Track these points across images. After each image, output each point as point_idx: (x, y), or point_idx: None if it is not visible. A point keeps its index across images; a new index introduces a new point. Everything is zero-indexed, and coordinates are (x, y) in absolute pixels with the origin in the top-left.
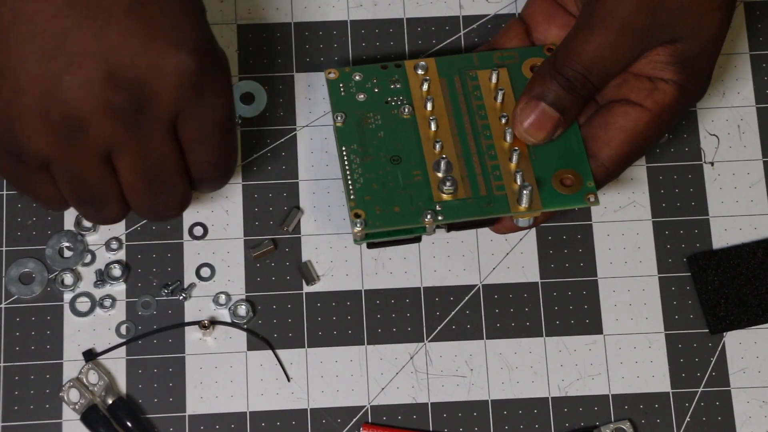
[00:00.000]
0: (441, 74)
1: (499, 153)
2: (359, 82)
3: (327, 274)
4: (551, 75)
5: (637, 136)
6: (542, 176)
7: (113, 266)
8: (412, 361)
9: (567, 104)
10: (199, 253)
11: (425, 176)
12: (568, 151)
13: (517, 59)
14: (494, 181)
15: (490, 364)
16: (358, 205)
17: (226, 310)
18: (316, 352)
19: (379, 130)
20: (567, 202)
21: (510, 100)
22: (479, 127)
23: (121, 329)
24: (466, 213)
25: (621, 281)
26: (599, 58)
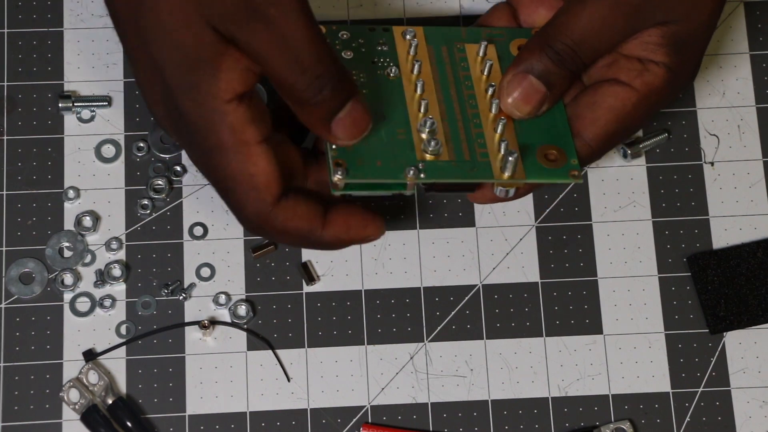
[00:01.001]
0: (428, 42)
1: (484, 122)
2: (346, 41)
3: (327, 274)
4: (541, 48)
5: (624, 116)
6: (526, 147)
7: (113, 266)
8: (412, 361)
9: (555, 78)
10: (199, 253)
11: (409, 136)
12: (553, 128)
13: (506, 38)
14: (478, 148)
15: (490, 364)
16: (339, 155)
17: (226, 310)
18: (316, 352)
19: (365, 87)
20: (550, 176)
21: (497, 73)
22: (465, 96)
23: (121, 329)
24: (449, 174)
25: (621, 281)
26: (590, 32)
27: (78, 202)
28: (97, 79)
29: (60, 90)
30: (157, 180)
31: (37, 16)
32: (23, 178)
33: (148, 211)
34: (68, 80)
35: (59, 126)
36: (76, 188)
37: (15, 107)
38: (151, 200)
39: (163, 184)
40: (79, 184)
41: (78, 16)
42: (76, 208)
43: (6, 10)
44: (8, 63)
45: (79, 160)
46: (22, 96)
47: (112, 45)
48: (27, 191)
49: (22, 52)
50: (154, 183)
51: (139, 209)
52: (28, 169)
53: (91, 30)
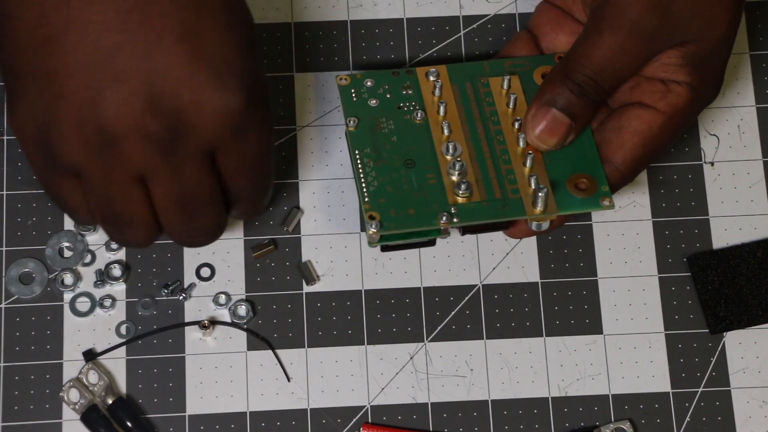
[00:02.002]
0: (452, 81)
1: (513, 157)
2: (371, 88)
3: (327, 274)
4: (561, 80)
5: (651, 139)
6: (556, 180)
7: (113, 266)
8: (412, 361)
9: (578, 109)
10: (199, 253)
11: (439, 180)
12: (582, 157)
13: (528, 67)
14: (509, 185)
15: (490, 364)
16: (373, 208)
17: (226, 310)
18: (316, 352)
19: (392, 134)
20: (582, 206)
21: (522, 105)
22: (492, 132)
23: (121, 329)
24: (481, 215)
25: (621, 281)
26: (609, 61)
27: None
28: None
29: None
30: None
31: None
32: (23, 178)
33: None
34: None
35: None
36: None
37: None
38: None
39: None
40: None
41: None
42: None
43: None
44: None
45: None
46: None
47: None
48: (27, 191)
49: None
50: None
51: None
52: (28, 169)
53: None
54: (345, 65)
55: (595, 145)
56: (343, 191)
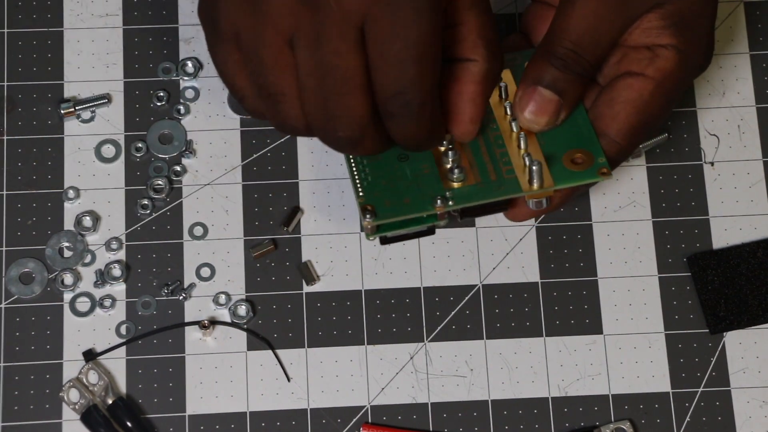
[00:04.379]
0: None
1: (507, 141)
2: None
3: (327, 274)
4: (543, 57)
5: (643, 106)
6: (552, 156)
7: (113, 266)
8: (412, 361)
9: (564, 84)
10: (199, 253)
11: (433, 169)
12: (577, 134)
13: (519, 61)
14: (503, 166)
15: (490, 364)
16: (368, 200)
17: (226, 310)
18: (316, 352)
19: None
20: (579, 177)
21: (512, 94)
22: (485, 121)
23: (121, 329)
24: (477, 197)
25: (621, 281)
26: (586, 30)
27: (78, 202)
28: (97, 79)
29: (60, 90)
30: (157, 180)
31: (37, 16)
32: (23, 178)
33: (148, 211)
34: (68, 80)
35: (59, 126)
36: (76, 188)
37: (15, 107)
38: (151, 200)
39: (163, 184)
40: (79, 184)
41: (78, 16)
42: (76, 208)
43: (6, 10)
44: (8, 63)
45: (79, 160)
46: (22, 96)
47: (112, 45)
48: (27, 191)
49: (22, 52)
50: (154, 183)
51: (139, 209)
52: (28, 169)
53: (91, 30)
54: None
55: (590, 121)
56: (343, 191)
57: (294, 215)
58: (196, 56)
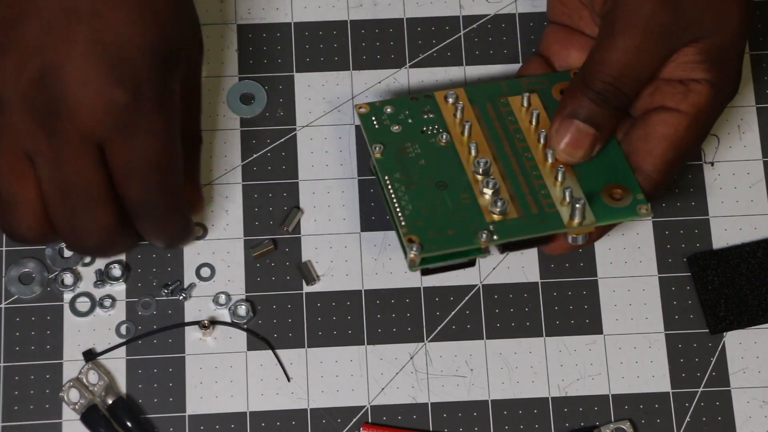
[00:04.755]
0: (473, 102)
1: (543, 172)
2: (392, 115)
3: (327, 274)
4: (581, 90)
5: (678, 141)
6: (591, 191)
7: (113, 266)
8: (412, 361)
9: (601, 119)
10: (199, 253)
11: (473, 199)
12: (612, 168)
13: (546, 84)
14: (543, 200)
15: (490, 364)
16: (411, 231)
17: (226, 310)
18: (316, 352)
19: (420, 158)
20: (620, 215)
21: (545, 120)
22: (519, 148)
23: (121, 329)
24: (521, 231)
25: (621, 281)
26: (627, 64)
27: None
28: None
29: None
30: None
31: None
32: None
33: None
34: None
35: None
36: None
37: None
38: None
39: None
40: None
41: None
42: None
43: None
44: None
45: None
46: None
47: None
48: None
49: None
50: None
51: None
52: None
53: None
54: (345, 65)
55: (624, 155)
56: (343, 191)
57: (294, 215)
58: None
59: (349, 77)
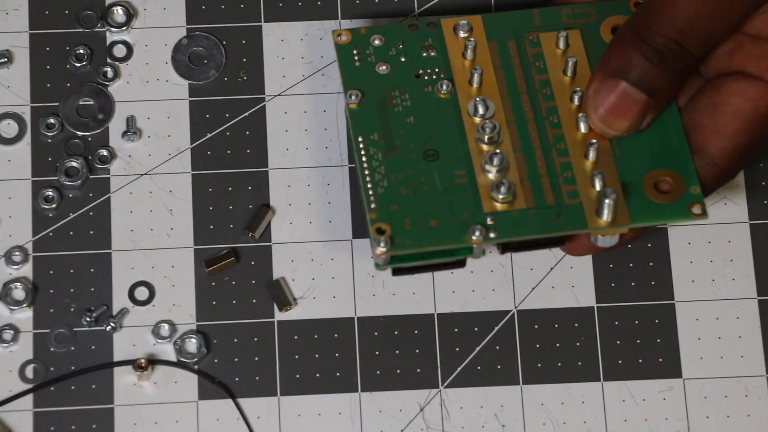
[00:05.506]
0: (490, 37)
1: (571, 147)
2: (380, 48)
3: (307, 296)
4: (634, 43)
5: (757, 121)
6: (630, 179)
7: (15, 285)
8: (422, 413)
9: (657, 82)
10: (133, 267)
11: (471, 177)
12: (665, 145)
13: (594, 18)
14: (564, 186)
15: (528, 418)
16: (381, 218)
17: (170, 345)
18: (291, 402)
19: (408, 114)
20: (664, 215)
21: (585, 72)
22: (543, 111)
23: (27, 371)
24: (528, 229)
25: (706, 306)
26: (698, 17)
27: None
28: None
29: None
30: (71, 161)
31: None
32: None
33: (53, 205)
34: None
35: None
36: None
37: None
38: (59, 190)
39: (78, 166)
40: None
41: None
42: None
43: None
44: None
45: None
46: None
47: None
48: None
49: None
50: (66, 164)
51: (41, 202)
52: None
53: None
54: (332, 13)
55: (683, 130)
56: (328, 183)
57: (262, 217)
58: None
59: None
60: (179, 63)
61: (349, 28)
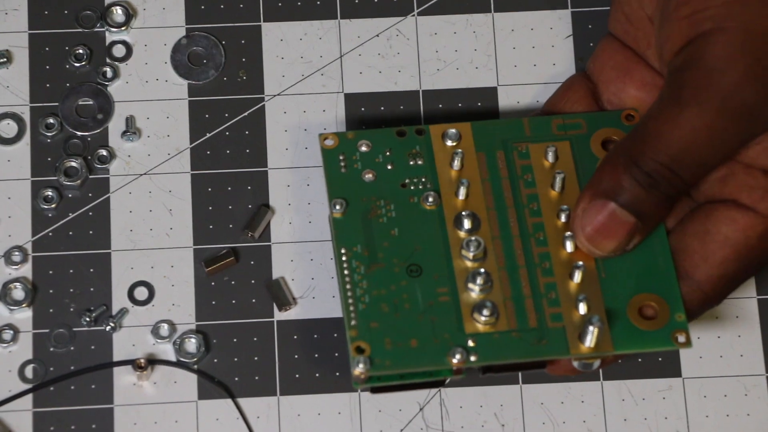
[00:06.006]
0: (479, 147)
1: (556, 266)
2: (366, 155)
3: (306, 295)
4: (626, 166)
5: (746, 252)
6: (614, 305)
7: (14, 286)
8: (422, 413)
9: (647, 206)
10: (132, 267)
11: (454, 296)
12: (652, 269)
13: (585, 129)
14: (548, 307)
15: (527, 417)
16: (361, 336)
17: (169, 345)
18: (291, 402)
19: (393, 225)
20: (648, 343)
21: (573, 189)
22: (530, 227)
23: (26, 371)
24: (508, 353)
25: None
26: (692, 145)
27: None
28: None
29: None
30: (71, 161)
31: None
32: None
33: (53, 204)
34: None
35: None
36: None
37: None
38: (59, 190)
39: (77, 166)
40: None
41: None
42: None
43: None
44: None
45: None
46: None
47: None
48: None
49: None
50: (65, 164)
51: (41, 203)
52: None
53: None
54: (332, 12)
55: (670, 253)
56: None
57: (261, 216)
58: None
59: (336, 28)
60: (178, 63)
61: (336, 132)
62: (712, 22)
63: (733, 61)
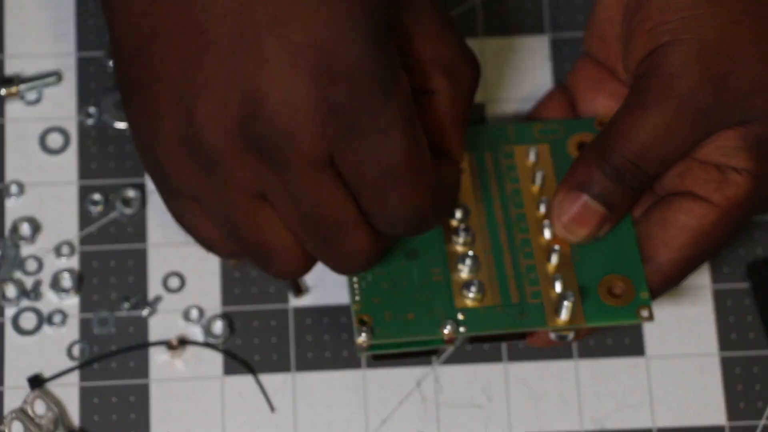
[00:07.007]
0: (469, 148)
1: (536, 251)
2: None
3: (318, 284)
4: (596, 162)
5: (702, 237)
6: (587, 283)
7: (63, 275)
8: (418, 388)
9: (615, 198)
10: (166, 259)
11: (446, 276)
12: (620, 253)
13: (563, 134)
14: (528, 286)
15: (511, 392)
16: (365, 309)
17: (198, 328)
18: (305, 378)
19: None
20: (615, 317)
21: (551, 184)
22: (513, 217)
23: (74, 350)
24: (493, 325)
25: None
26: (654, 143)
27: (22, 200)
28: (45, 52)
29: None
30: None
31: None
32: None
33: (99, 207)
34: (10, 54)
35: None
36: (20, 183)
37: None
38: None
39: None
40: (23, 177)
41: None
42: (19, 207)
43: None
44: None
45: (23, 150)
46: None
47: (63, 11)
48: None
49: None
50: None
51: (88, 204)
52: None
53: None
54: None
55: (636, 239)
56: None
57: None
58: None
59: None
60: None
61: None
62: (670, 35)
63: (688, 68)
